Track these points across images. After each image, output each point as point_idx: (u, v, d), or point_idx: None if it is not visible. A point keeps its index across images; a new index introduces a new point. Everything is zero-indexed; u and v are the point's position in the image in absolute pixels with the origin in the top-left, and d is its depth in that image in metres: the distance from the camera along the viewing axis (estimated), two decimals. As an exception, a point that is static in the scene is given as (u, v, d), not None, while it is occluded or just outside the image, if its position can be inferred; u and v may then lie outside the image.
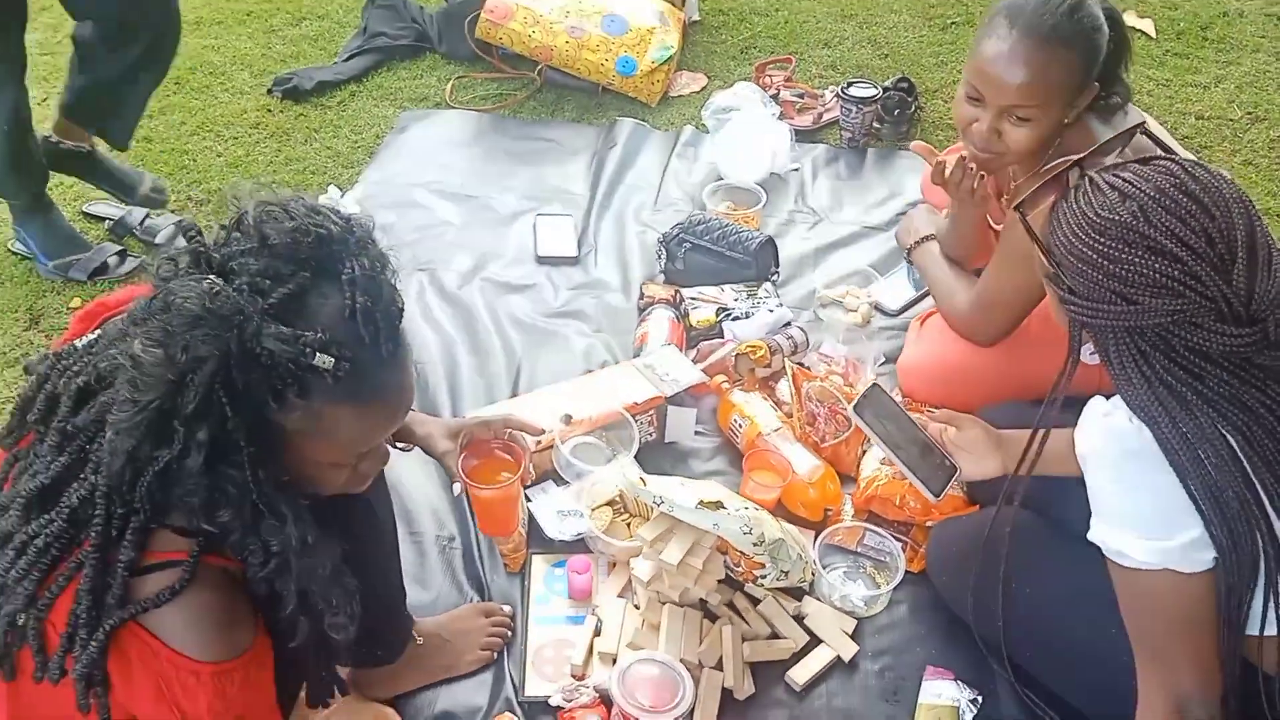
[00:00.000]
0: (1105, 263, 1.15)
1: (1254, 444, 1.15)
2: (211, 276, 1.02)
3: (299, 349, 1.01)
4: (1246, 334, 1.12)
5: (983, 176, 1.87)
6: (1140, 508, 1.20)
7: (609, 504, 1.81)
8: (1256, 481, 1.15)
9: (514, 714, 1.60)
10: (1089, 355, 1.28)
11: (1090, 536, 1.25)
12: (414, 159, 2.78)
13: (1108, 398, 1.26)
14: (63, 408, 1.11)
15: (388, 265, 1.11)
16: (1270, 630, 1.22)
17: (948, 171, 1.88)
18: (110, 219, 2.53)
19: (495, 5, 2.95)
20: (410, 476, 1.93)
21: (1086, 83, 1.68)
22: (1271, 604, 1.20)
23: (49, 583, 1.08)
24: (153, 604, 1.07)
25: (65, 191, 2.63)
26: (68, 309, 2.31)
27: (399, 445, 1.58)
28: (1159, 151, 1.34)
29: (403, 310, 1.13)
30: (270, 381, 1.02)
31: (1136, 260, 1.13)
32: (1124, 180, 1.18)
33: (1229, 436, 1.15)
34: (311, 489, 1.16)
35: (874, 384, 1.77)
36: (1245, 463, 1.15)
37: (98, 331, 1.18)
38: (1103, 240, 1.15)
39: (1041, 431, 1.39)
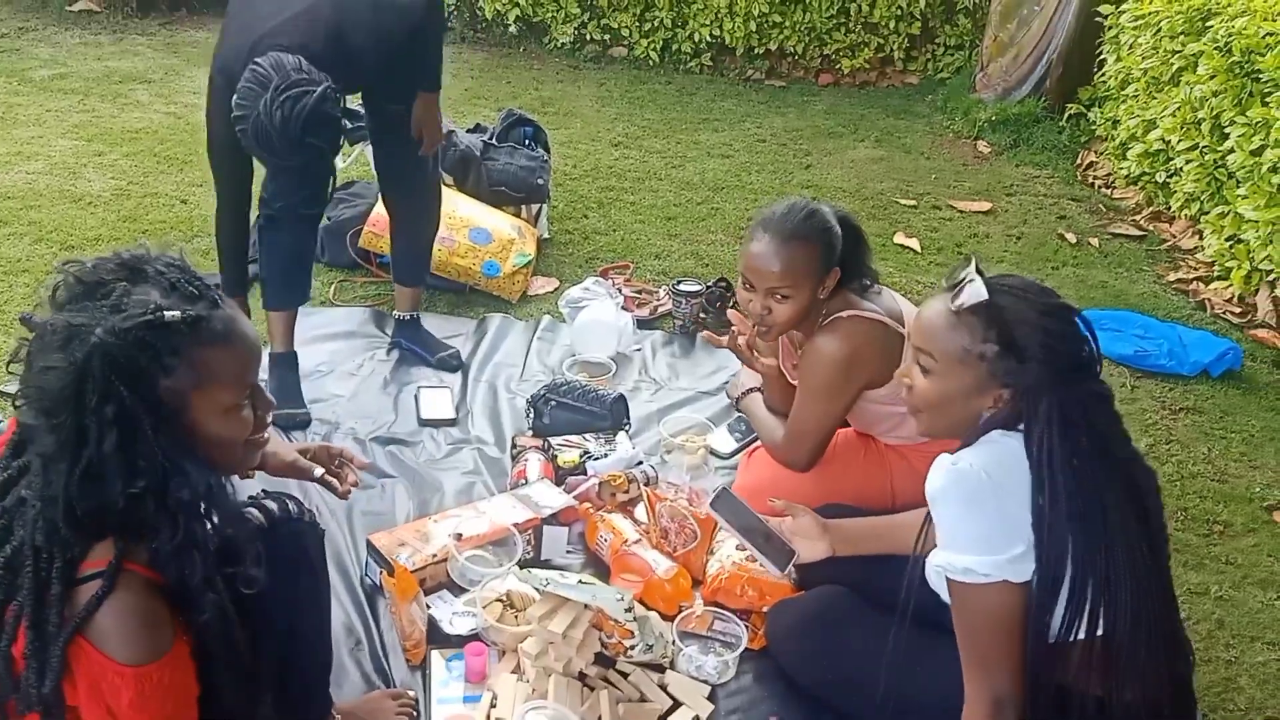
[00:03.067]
0: (1060, 329, 1.59)
1: (1084, 498, 1.54)
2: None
3: (150, 317, 1.32)
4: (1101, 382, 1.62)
5: (757, 336, 2.35)
6: (981, 530, 1.55)
7: (498, 600, 2.12)
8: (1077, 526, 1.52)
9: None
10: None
11: (936, 564, 1.58)
12: (303, 345, 3.11)
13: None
14: None
15: (179, 258, 1.42)
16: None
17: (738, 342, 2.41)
18: None
19: (377, 219, 3.42)
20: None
21: (828, 267, 2.23)
22: (1069, 611, 1.55)
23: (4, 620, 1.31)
24: (85, 615, 1.30)
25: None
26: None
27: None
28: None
29: (207, 283, 1.41)
30: (145, 352, 1.31)
31: (1070, 330, 1.60)
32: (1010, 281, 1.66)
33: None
34: (224, 452, 1.43)
35: (723, 487, 2.15)
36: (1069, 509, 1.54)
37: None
38: (1054, 319, 1.60)
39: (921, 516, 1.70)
